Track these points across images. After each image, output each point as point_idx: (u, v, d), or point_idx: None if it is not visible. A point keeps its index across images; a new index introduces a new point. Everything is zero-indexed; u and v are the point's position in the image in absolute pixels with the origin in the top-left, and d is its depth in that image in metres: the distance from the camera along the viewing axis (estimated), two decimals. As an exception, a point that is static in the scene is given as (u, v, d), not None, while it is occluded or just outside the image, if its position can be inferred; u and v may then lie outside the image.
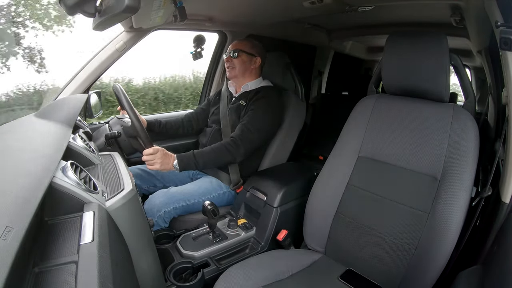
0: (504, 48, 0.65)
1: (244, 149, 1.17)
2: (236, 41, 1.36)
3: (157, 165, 1.03)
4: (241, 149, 1.16)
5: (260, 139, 1.25)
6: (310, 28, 1.83)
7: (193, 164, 1.09)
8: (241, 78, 1.35)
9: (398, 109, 0.95)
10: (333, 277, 0.88)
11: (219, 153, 1.14)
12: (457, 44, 1.70)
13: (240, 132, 1.19)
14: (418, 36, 0.89)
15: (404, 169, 0.89)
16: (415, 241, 0.81)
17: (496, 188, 0.78)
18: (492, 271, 0.61)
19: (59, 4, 0.62)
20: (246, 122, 1.21)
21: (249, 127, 1.19)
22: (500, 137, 0.83)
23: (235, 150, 1.15)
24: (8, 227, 0.36)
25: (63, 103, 1.03)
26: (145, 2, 0.82)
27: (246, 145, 1.17)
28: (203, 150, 1.13)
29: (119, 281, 0.46)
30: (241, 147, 1.16)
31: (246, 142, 1.17)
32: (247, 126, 1.20)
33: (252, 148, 1.21)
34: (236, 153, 1.16)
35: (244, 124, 1.21)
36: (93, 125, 1.41)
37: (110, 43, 1.30)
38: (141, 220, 0.70)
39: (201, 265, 0.97)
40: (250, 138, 1.19)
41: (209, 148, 1.15)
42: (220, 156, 1.14)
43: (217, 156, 1.13)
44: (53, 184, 0.54)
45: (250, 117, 1.22)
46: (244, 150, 1.17)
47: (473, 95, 0.91)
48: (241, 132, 1.19)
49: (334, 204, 0.98)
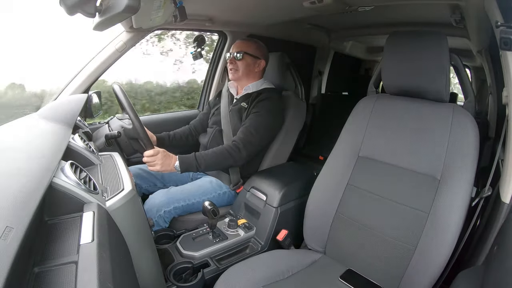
0: (504, 48, 0.65)
1: (246, 153, 1.16)
2: (241, 42, 1.33)
3: (158, 167, 1.03)
4: (243, 153, 1.16)
5: (262, 142, 1.24)
6: (310, 28, 1.83)
7: (195, 166, 1.08)
8: (244, 80, 1.34)
9: (398, 109, 0.95)
10: (333, 277, 0.88)
11: (221, 157, 1.13)
12: (457, 44, 1.69)
13: (243, 136, 1.18)
14: (418, 36, 0.89)
15: (404, 169, 0.89)
16: (415, 241, 0.81)
17: (496, 188, 0.78)
18: (492, 271, 0.61)
19: (59, 4, 0.62)
20: (248, 125, 1.20)
21: (251, 131, 1.19)
22: (500, 137, 0.83)
23: (237, 154, 1.15)
24: (8, 227, 0.36)
25: (63, 103, 1.03)
26: (145, 2, 0.82)
27: (248, 148, 1.17)
28: (205, 153, 1.12)
29: (119, 281, 0.46)
30: (243, 151, 1.16)
31: (248, 145, 1.17)
32: (249, 130, 1.19)
33: (254, 151, 1.21)
34: (238, 157, 1.15)
35: (246, 127, 1.20)
36: (93, 125, 1.41)
37: (110, 43, 1.30)
38: (141, 220, 0.70)
39: (201, 265, 0.97)
40: (252, 141, 1.18)
41: (211, 151, 1.14)
42: (222, 159, 1.13)
43: (219, 159, 1.13)
44: (53, 184, 0.55)
45: (252, 120, 1.22)
46: (246, 154, 1.17)
47: (473, 95, 0.91)
48: (243, 135, 1.18)
49: (334, 204, 0.98)
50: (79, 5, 0.61)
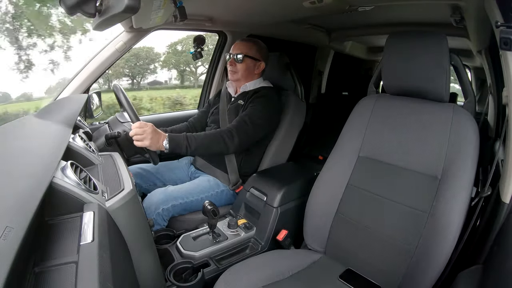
0: (504, 48, 0.65)
1: (238, 139, 1.14)
2: (241, 43, 1.32)
3: (146, 141, 0.98)
4: (235, 140, 1.13)
5: (256, 134, 1.22)
6: (310, 28, 1.83)
7: (184, 146, 1.05)
8: (242, 81, 1.34)
9: (398, 109, 0.95)
10: (333, 277, 0.88)
11: (213, 140, 1.11)
12: (457, 44, 1.70)
13: (236, 123, 1.17)
14: (418, 36, 0.89)
15: (404, 169, 0.89)
16: (415, 241, 0.81)
17: (496, 188, 0.78)
18: (492, 271, 0.61)
19: (59, 4, 0.62)
20: (244, 115, 1.21)
21: (246, 120, 1.18)
22: (500, 137, 0.83)
23: (229, 139, 1.13)
24: (8, 227, 0.36)
25: (63, 103, 1.03)
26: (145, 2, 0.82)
27: (241, 136, 1.15)
28: (197, 134, 1.09)
29: (119, 281, 0.46)
30: (235, 137, 1.13)
31: (241, 133, 1.15)
32: (244, 119, 1.19)
33: (247, 141, 1.19)
34: (230, 143, 1.13)
35: (241, 117, 1.20)
36: (93, 125, 1.41)
37: (110, 43, 1.30)
38: (141, 220, 0.70)
39: (201, 265, 0.97)
40: (246, 130, 1.17)
41: (203, 133, 1.12)
42: (213, 143, 1.11)
43: (210, 142, 1.10)
44: (53, 184, 0.54)
45: (248, 111, 1.22)
46: (239, 141, 1.14)
47: (473, 95, 0.91)
48: (237, 123, 1.17)
49: (334, 204, 0.98)
50: (79, 5, 0.61)
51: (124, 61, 5.56)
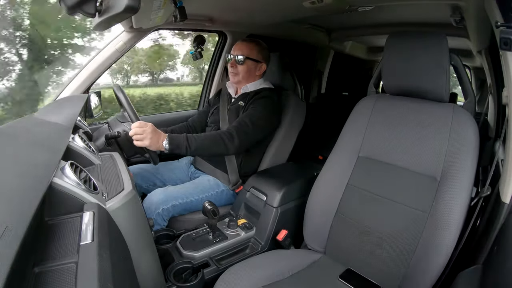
0: (504, 48, 0.65)
1: (238, 141, 1.13)
2: (243, 43, 1.31)
3: (146, 141, 0.98)
4: (235, 141, 1.13)
5: (256, 135, 1.22)
6: (310, 28, 1.83)
7: (184, 147, 1.04)
8: (243, 83, 1.34)
9: (398, 109, 0.95)
10: (333, 277, 0.88)
11: (213, 141, 1.10)
12: (457, 44, 1.69)
13: (237, 125, 1.17)
14: (418, 36, 0.89)
15: (404, 169, 0.89)
16: (415, 241, 0.81)
17: (496, 188, 0.78)
18: (492, 271, 0.61)
19: (59, 4, 0.62)
20: (244, 116, 1.20)
21: (246, 121, 1.18)
22: (500, 137, 0.83)
23: (229, 141, 1.12)
24: (8, 227, 0.36)
25: (63, 103, 1.03)
26: (145, 2, 0.82)
27: (241, 137, 1.14)
28: (197, 135, 1.09)
29: (119, 281, 0.46)
30: (235, 138, 1.13)
31: (241, 134, 1.15)
32: (245, 120, 1.18)
33: (247, 142, 1.18)
34: (230, 144, 1.12)
35: (242, 118, 1.20)
36: (93, 125, 1.41)
37: (110, 43, 1.30)
38: (141, 220, 0.70)
39: (201, 265, 0.97)
40: (246, 131, 1.16)
41: (203, 134, 1.12)
42: (213, 144, 1.10)
43: (210, 143, 1.09)
44: (53, 184, 0.54)
45: (248, 112, 1.22)
46: (239, 142, 1.14)
47: (473, 95, 0.91)
48: (238, 124, 1.17)
49: (334, 204, 0.98)
50: (79, 5, 0.61)
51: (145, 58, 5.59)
